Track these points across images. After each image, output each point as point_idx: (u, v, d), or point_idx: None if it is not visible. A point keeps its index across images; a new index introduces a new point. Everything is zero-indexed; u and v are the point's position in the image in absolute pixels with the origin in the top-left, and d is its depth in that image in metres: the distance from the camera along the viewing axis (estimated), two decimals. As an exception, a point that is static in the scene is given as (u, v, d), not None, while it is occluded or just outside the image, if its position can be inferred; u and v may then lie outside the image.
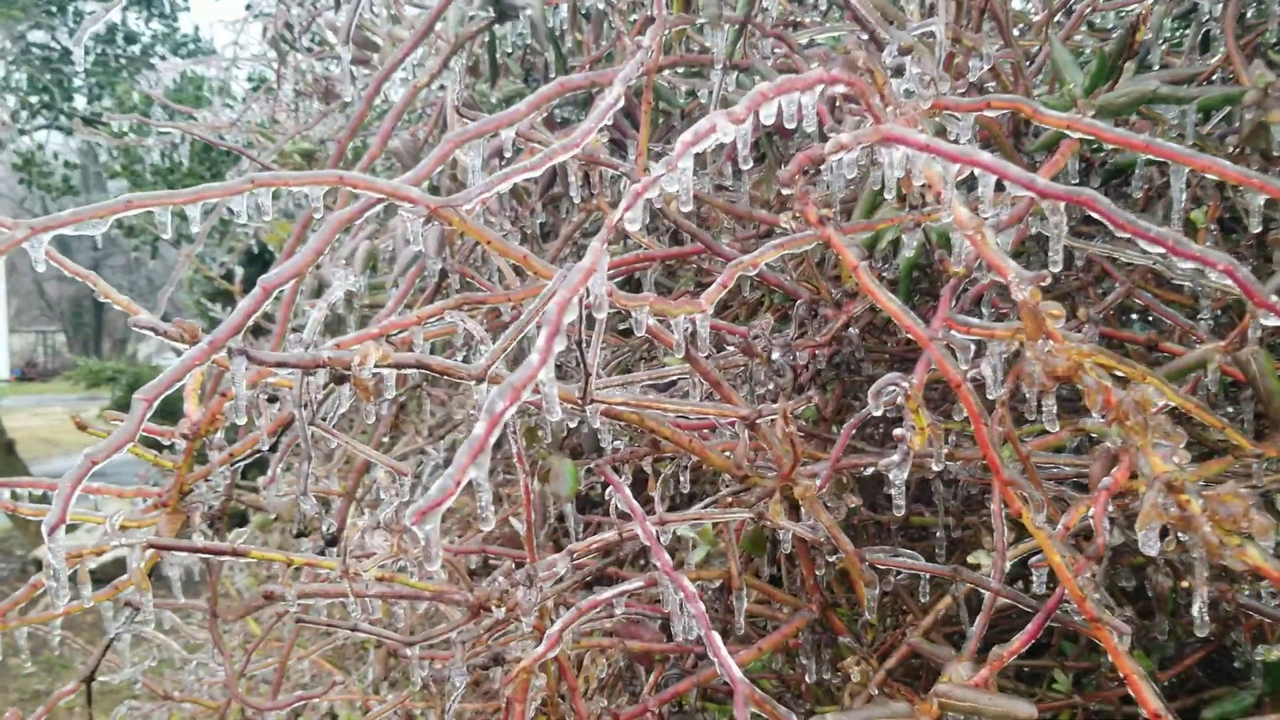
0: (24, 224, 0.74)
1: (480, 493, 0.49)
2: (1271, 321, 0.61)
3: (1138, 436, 0.63)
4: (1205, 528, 0.58)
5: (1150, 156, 0.77)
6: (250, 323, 0.73)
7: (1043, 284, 0.68)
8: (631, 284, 1.46)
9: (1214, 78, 1.21)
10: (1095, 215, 0.64)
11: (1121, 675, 0.71)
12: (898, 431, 0.73)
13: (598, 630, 1.06)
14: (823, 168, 0.90)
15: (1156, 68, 1.26)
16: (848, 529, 0.98)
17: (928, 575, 0.88)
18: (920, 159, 0.72)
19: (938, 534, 1.00)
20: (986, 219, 0.71)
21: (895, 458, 0.73)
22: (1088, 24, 1.50)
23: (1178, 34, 1.65)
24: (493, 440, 0.49)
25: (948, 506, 1.01)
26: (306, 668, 1.65)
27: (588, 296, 0.54)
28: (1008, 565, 0.86)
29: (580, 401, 0.82)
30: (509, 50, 1.82)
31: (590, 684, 0.98)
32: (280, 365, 0.74)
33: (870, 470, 0.96)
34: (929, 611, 0.88)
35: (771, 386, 1.02)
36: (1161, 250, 0.67)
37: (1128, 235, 0.63)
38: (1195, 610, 0.66)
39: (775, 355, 1.02)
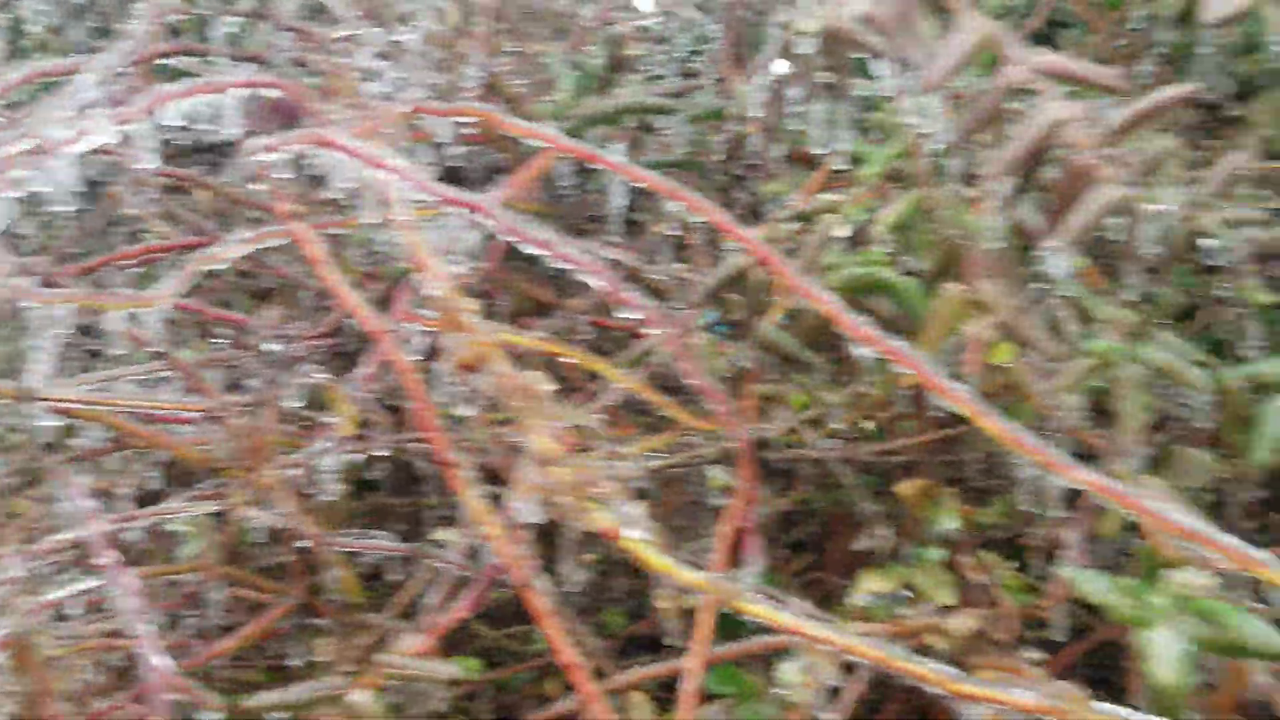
0: None
1: None
2: (630, 315, 0.71)
3: (525, 417, 0.71)
4: (560, 497, 0.66)
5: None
6: None
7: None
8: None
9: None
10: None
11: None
12: (326, 419, 0.76)
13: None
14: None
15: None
16: (355, 514, 1.01)
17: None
18: (353, 165, 0.75)
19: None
20: (416, 220, 0.76)
21: (324, 445, 0.77)
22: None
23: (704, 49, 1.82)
24: None
25: (436, 486, 1.07)
26: None
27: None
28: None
29: (17, 398, 0.78)
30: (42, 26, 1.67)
31: (73, 685, 0.94)
32: None
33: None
34: (402, 590, 0.92)
35: (267, 378, 1.03)
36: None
37: (516, 240, 0.71)
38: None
39: (273, 347, 1.03)
